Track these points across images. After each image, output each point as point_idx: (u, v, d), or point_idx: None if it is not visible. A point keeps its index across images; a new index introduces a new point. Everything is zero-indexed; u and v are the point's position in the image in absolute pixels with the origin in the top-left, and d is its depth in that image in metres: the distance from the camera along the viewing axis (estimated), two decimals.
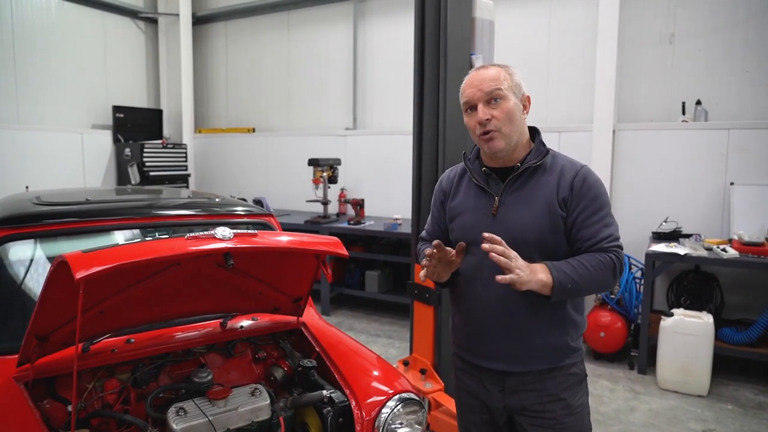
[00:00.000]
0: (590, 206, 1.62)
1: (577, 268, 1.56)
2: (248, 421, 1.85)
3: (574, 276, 1.55)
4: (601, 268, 1.58)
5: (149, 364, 2.00)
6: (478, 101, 1.65)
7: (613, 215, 1.66)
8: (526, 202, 1.66)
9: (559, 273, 1.54)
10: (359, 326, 5.60)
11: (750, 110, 4.77)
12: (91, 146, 7.23)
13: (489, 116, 1.63)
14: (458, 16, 3.10)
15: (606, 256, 1.59)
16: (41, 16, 6.79)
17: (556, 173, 1.66)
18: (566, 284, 1.54)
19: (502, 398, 1.73)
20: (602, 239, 1.60)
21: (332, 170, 6.13)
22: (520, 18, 5.71)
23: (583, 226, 1.61)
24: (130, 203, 2.61)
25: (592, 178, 1.66)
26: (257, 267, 2.04)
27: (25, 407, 1.63)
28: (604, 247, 1.59)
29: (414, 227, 3.33)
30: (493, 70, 1.68)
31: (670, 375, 4.08)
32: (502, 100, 1.64)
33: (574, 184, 1.63)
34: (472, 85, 1.68)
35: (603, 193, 1.66)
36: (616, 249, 1.61)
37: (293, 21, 7.36)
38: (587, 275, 1.56)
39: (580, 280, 1.56)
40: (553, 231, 1.63)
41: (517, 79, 1.70)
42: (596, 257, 1.59)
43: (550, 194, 1.64)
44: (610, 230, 1.62)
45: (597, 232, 1.60)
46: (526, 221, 1.64)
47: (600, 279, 1.59)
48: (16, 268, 2.13)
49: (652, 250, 4.34)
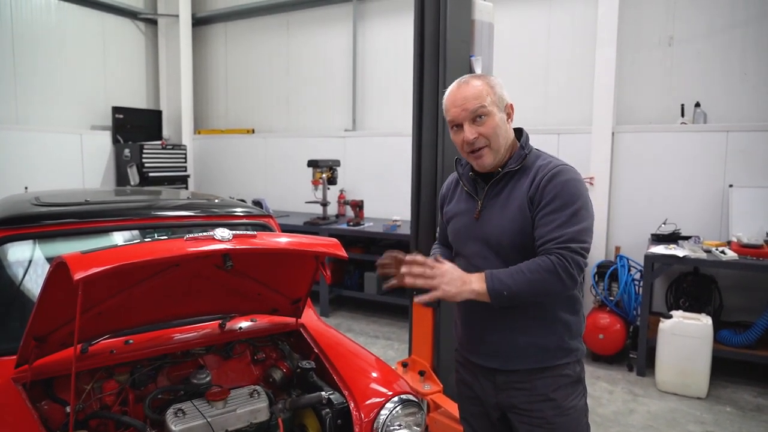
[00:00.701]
0: (550, 204, 1.59)
1: (514, 274, 1.55)
2: (247, 422, 1.85)
3: (509, 282, 1.54)
4: (539, 272, 1.53)
5: (148, 366, 2.00)
6: (463, 120, 1.67)
7: (582, 216, 1.58)
8: (503, 205, 1.69)
9: (494, 281, 1.55)
10: (358, 328, 5.59)
11: (749, 112, 4.78)
12: (90, 147, 7.23)
13: (476, 135, 1.65)
14: (458, 18, 3.10)
15: (547, 258, 1.54)
16: (41, 17, 6.79)
17: (531, 174, 1.67)
18: (501, 291, 1.54)
19: (495, 394, 1.76)
20: (551, 239, 1.56)
21: (331, 171, 6.14)
22: (519, 20, 5.71)
23: (539, 224, 1.61)
24: (129, 204, 2.61)
25: (563, 177, 1.61)
26: (256, 268, 2.04)
27: (23, 408, 1.62)
28: (549, 248, 1.55)
29: (413, 229, 3.33)
30: (474, 86, 1.67)
31: (669, 377, 4.08)
32: (487, 117, 1.65)
33: (541, 182, 1.62)
34: (455, 105, 1.68)
35: (571, 192, 1.59)
36: (562, 251, 1.53)
37: (293, 22, 7.37)
38: (522, 280, 1.54)
39: (516, 287, 1.54)
40: (524, 232, 1.64)
41: (499, 90, 1.69)
42: (536, 262, 1.55)
43: (523, 196, 1.65)
44: (566, 231, 1.55)
45: (549, 231, 1.57)
46: (500, 224, 1.67)
47: (540, 283, 1.54)
48: (15, 269, 2.13)
49: (651, 252, 4.34)
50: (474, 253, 1.74)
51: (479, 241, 1.73)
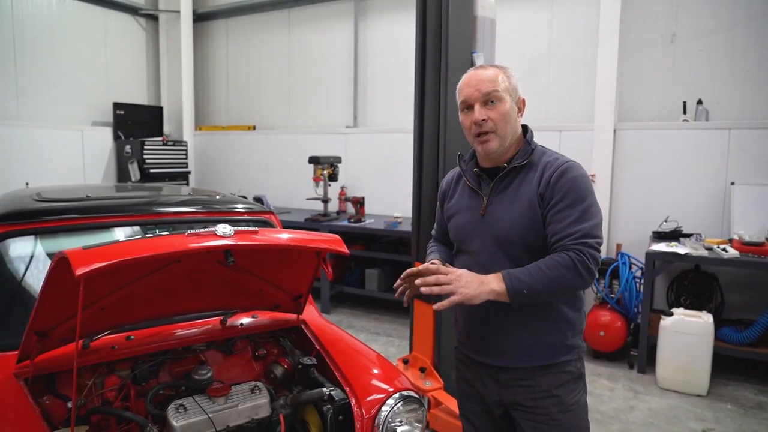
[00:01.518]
0: (562, 201, 1.60)
1: (532, 272, 1.55)
2: (248, 418, 1.85)
3: (528, 281, 1.54)
4: (558, 268, 1.53)
5: (149, 361, 2.00)
6: (475, 101, 1.68)
7: (593, 212, 1.60)
8: (510, 201, 1.68)
9: (512, 280, 1.54)
10: (359, 324, 5.60)
11: (751, 110, 4.77)
12: (91, 143, 7.22)
13: (485, 117, 1.66)
14: (459, 14, 3.09)
15: (565, 255, 1.54)
16: (42, 13, 6.78)
17: (539, 170, 1.67)
18: (521, 290, 1.53)
19: (498, 392, 1.76)
20: (567, 235, 1.56)
21: (333, 168, 6.13)
22: (521, 16, 5.70)
23: (552, 220, 1.61)
24: (130, 200, 2.61)
25: (572, 173, 1.62)
26: (257, 264, 2.03)
27: (25, 404, 1.62)
28: (566, 245, 1.56)
29: (414, 225, 3.33)
30: (491, 71, 1.70)
31: (670, 374, 4.08)
32: (499, 102, 1.66)
33: (551, 179, 1.63)
34: (470, 85, 1.70)
35: (579, 189, 1.61)
36: (580, 246, 1.54)
37: (294, 18, 7.35)
38: (542, 278, 1.54)
39: (536, 285, 1.54)
40: (533, 229, 1.64)
41: (514, 81, 1.71)
42: (554, 258, 1.56)
43: (532, 192, 1.65)
44: (580, 227, 1.56)
45: (564, 227, 1.57)
46: (508, 220, 1.66)
47: (560, 280, 1.54)
48: (17, 265, 2.13)
49: (652, 249, 4.34)
50: (479, 249, 1.73)
51: (486, 237, 1.71)
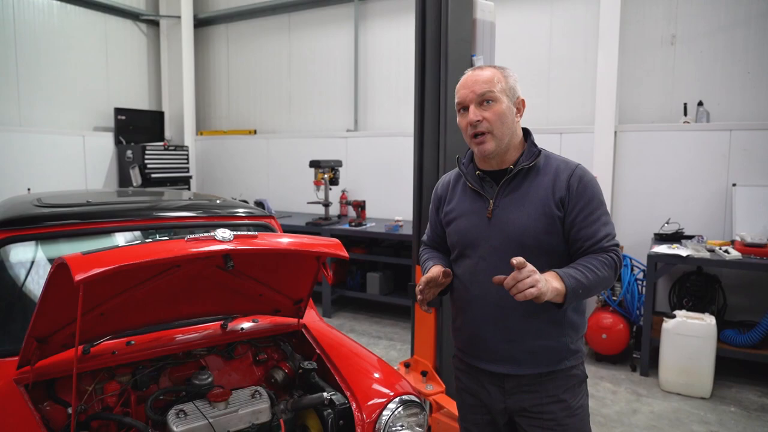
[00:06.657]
0: (588, 206, 1.63)
1: (584, 272, 1.56)
2: (248, 423, 1.85)
3: (583, 280, 1.54)
4: (605, 269, 1.59)
5: (149, 367, 2.00)
6: (470, 102, 1.67)
7: (608, 213, 1.68)
8: (521, 203, 1.66)
9: (569, 279, 1.52)
10: (360, 328, 5.59)
11: (752, 111, 4.76)
12: (92, 148, 7.25)
13: (480, 117, 1.64)
14: (459, 18, 3.10)
15: (607, 255, 1.60)
16: (43, 19, 6.81)
17: (551, 174, 1.67)
18: (577, 290, 1.53)
19: (503, 399, 1.73)
20: (602, 238, 1.61)
21: (333, 172, 6.14)
22: (521, 19, 5.71)
23: (583, 225, 1.62)
24: (131, 205, 2.61)
25: (588, 177, 1.67)
26: (258, 269, 2.03)
27: (25, 409, 1.62)
28: (604, 247, 1.61)
29: (415, 229, 3.33)
30: (488, 71, 1.68)
31: (673, 377, 4.06)
32: (494, 103, 1.65)
33: (570, 183, 1.64)
34: (465, 86, 1.69)
35: (599, 192, 1.67)
36: (615, 247, 1.63)
37: (294, 23, 7.37)
38: (594, 278, 1.56)
39: (588, 284, 1.55)
40: (550, 232, 1.63)
41: (512, 82, 1.70)
42: (599, 258, 1.59)
43: (546, 195, 1.64)
44: (608, 229, 1.64)
45: (596, 231, 1.62)
46: (521, 223, 1.64)
47: (605, 279, 1.59)
48: (17, 270, 2.13)
49: (654, 251, 4.32)
50: (487, 253, 1.68)
51: (494, 240, 1.67)
